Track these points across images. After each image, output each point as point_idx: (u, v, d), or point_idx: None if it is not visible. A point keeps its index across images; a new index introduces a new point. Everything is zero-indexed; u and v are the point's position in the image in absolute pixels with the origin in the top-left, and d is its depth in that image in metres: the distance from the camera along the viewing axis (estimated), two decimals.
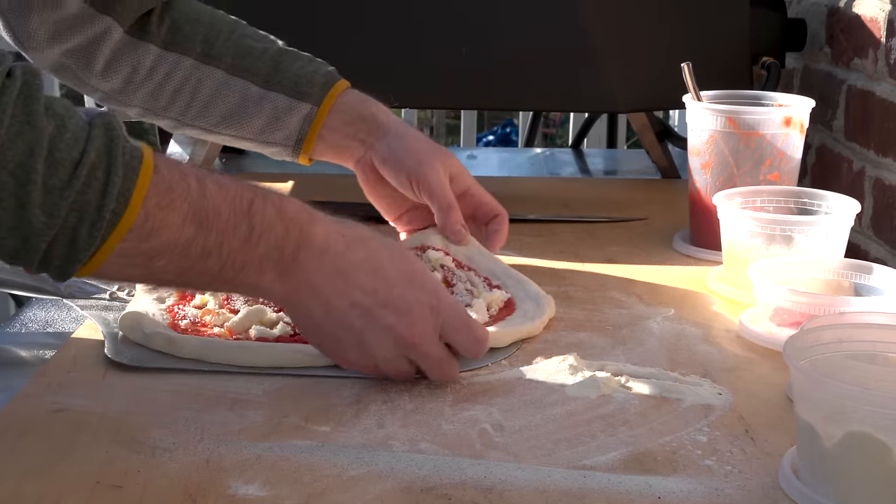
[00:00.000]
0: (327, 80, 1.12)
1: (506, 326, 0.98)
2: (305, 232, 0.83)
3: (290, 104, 1.10)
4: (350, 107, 1.11)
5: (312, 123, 1.10)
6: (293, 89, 1.10)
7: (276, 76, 1.11)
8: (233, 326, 0.95)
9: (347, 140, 1.11)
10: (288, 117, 1.10)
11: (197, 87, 1.10)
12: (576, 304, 1.08)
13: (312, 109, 1.10)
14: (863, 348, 0.75)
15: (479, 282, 1.09)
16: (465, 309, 0.93)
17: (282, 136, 1.11)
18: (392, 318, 0.84)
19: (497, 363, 0.93)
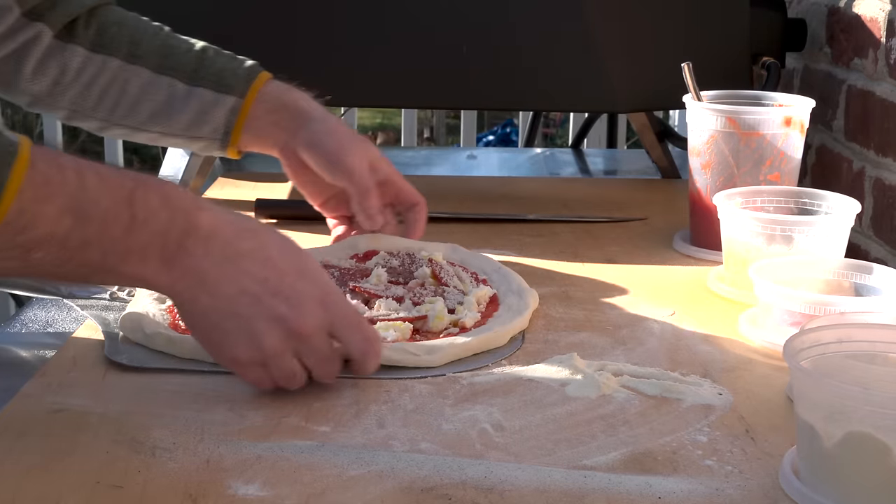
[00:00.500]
0: (250, 73, 1.15)
1: (495, 325, 0.98)
2: (192, 218, 0.81)
3: (216, 98, 1.13)
4: (273, 96, 1.14)
5: (238, 115, 1.13)
6: (218, 83, 1.13)
7: (201, 72, 1.14)
8: None
9: (271, 128, 1.14)
10: (214, 111, 1.13)
11: (124, 86, 1.13)
12: (576, 304, 1.08)
13: (237, 101, 1.13)
14: (863, 348, 0.75)
15: (467, 277, 1.09)
16: (356, 308, 0.94)
17: (209, 129, 1.14)
18: (283, 307, 0.82)
19: (497, 363, 0.93)
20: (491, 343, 0.96)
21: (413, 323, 0.97)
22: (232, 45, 1.43)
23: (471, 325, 0.98)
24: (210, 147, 1.16)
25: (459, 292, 1.05)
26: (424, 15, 1.44)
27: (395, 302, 1.01)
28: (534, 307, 1.04)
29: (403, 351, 0.92)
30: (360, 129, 4.57)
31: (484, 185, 1.64)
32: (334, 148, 1.12)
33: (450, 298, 1.03)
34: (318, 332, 0.83)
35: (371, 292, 1.03)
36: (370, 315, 0.98)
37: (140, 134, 1.16)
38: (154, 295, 1.01)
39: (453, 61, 1.43)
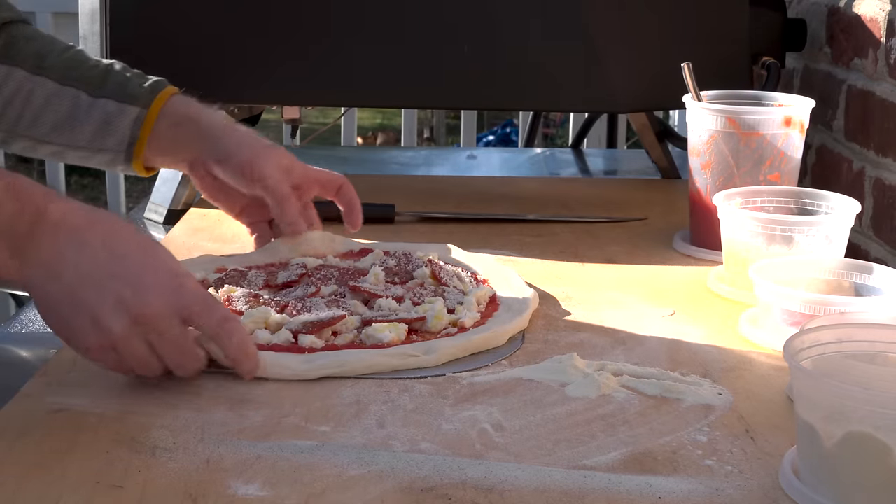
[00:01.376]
0: (155, 86, 1.14)
1: (495, 325, 0.98)
2: (41, 208, 0.82)
3: (120, 108, 1.12)
4: (178, 110, 1.13)
5: (143, 126, 1.12)
6: (122, 94, 1.12)
7: (106, 85, 1.13)
8: None
9: (176, 141, 1.13)
10: (118, 121, 1.12)
11: (28, 97, 1.12)
12: (576, 304, 1.08)
13: (142, 112, 1.12)
14: (863, 348, 0.75)
15: (467, 277, 1.10)
16: (210, 294, 0.92)
17: (114, 141, 1.12)
18: (126, 291, 0.81)
19: (497, 363, 0.93)
20: (490, 343, 0.96)
21: (412, 324, 0.97)
22: (232, 44, 1.43)
23: (470, 325, 0.98)
24: (115, 161, 1.14)
25: (459, 292, 1.05)
26: (424, 15, 1.44)
27: (395, 302, 1.01)
28: (533, 307, 1.04)
29: (403, 355, 0.92)
30: (360, 129, 4.57)
31: (484, 185, 1.64)
32: (246, 159, 1.10)
33: (449, 298, 1.03)
34: (164, 316, 0.82)
35: (371, 292, 1.03)
36: (369, 316, 0.98)
37: (43, 147, 1.14)
38: None
39: (453, 61, 1.43)
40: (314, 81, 1.45)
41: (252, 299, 1.02)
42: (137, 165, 1.14)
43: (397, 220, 1.37)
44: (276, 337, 0.94)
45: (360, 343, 0.95)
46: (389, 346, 0.93)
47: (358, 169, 1.93)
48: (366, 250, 1.15)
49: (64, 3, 2.83)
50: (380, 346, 0.93)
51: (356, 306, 1.01)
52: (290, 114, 1.64)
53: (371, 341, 0.94)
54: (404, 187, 1.59)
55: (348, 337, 0.95)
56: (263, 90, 1.46)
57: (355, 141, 3.26)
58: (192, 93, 1.15)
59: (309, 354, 0.91)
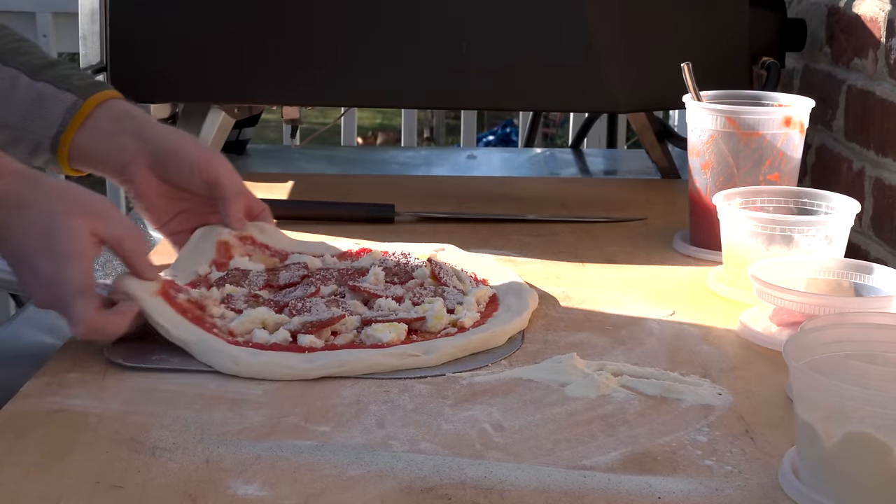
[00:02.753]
0: (98, 83, 1.10)
1: (494, 325, 0.98)
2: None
3: (56, 93, 1.08)
4: (119, 107, 1.09)
5: (76, 115, 1.07)
6: (62, 82, 1.08)
7: (48, 71, 1.09)
8: (236, 328, 0.95)
9: (117, 138, 1.08)
10: (51, 105, 1.07)
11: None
12: (576, 304, 1.08)
13: (77, 101, 1.08)
14: (863, 348, 0.75)
15: (467, 277, 1.10)
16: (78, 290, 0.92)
17: (43, 124, 1.08)
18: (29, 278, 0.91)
19: (497, 363, 0.93)
20: (489, 343, 0.96)
21: (411, 324, 0.97)
22: (232, 45, 1.43)
23: (470, 325, 0.98)
24: (40, 148, 1.09)
25: (459, 292, 1.05)
26: (424, 15, 1.44)
27: (395, 302, 1.02)
28: (533, 307, 1.04)
29: (403, 355, 0.92)
30: (360, 129, 4.57)
31: (484, 185, 1.64)
32: (199, 156, 1.08)
33: (449, 298, 1.03)
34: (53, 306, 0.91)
35: (370, 292, 1.03)
36: (369, 316, 0.99)
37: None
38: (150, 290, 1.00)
39: (453, 61, 1.43)
40: (314, 81, 1.45)
41: (252, 299, 1.02)
42: (62, 158, 1.09)
43: (397, 220, 1.37)
44: (274, 336, 0.94)
45: (360, 343, 0.95)
46: (389, 346, 0.93)
47: (358, 169, 1.93)
48: (364, 250, 1.15)
49: (64, 3, 2.83)
50: (380, 346, 0.93)
51: (356, 306, 1.01)
52: (290, 114, 1.64)
53: (371, 341, 0.94)
54: (404, 187, 1.59)
55: (348, 337, 0.95)
56: (263, 90, 1.46)
57: (355, 141, 3.26)
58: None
59: (309, 354, 0.91)
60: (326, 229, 1.29)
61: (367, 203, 1.39)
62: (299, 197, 1.50)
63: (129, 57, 1.41)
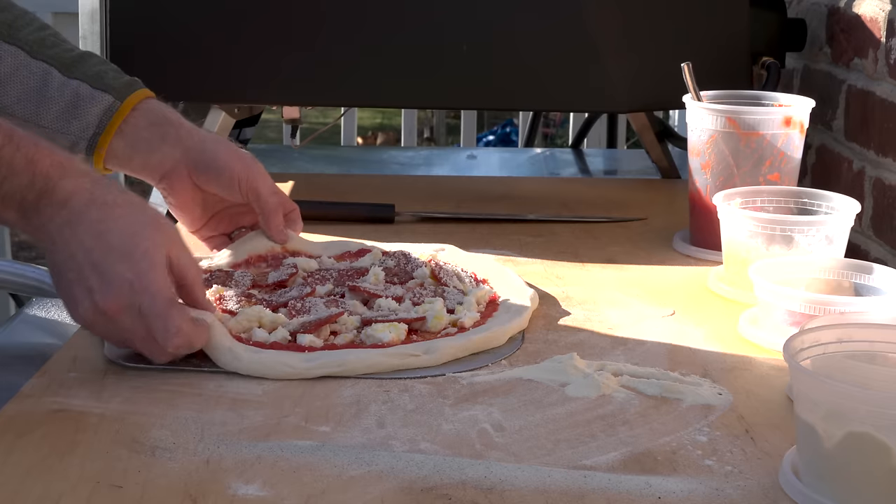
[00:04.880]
0: (133, 82, 1.10)
1: (494, 325, 0.98)
2: (51, 184, 0.87)
3: (92, 93, 1.07)
4: (157, 111, 1.09)
5: (113, 116, 1.07)
6: (97, 81, 1.07)
7: (80, 67, 1.08)
8: (233, 327, 0.95)
9: (155, 143, 1.08)
10: (88, 106, 1.07)
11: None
12: (576, 304, 1.08)
13: (115, 103, 1.07)
14: (863, 348, 0.75)
15: (467, 277, 1.10)
16: (170, 300, 0.89)
17: (79, 126, 1.07)
18: (95, 281, 0.86)
19: (497, 363, 0.93)
20: (489, 343, 0.96)
21: (412, 324, 0.97)
22: (232, 45, 1.43)
23: (470, 325, 0.98)
24: (75, 150, 1.07)
25: (459, 292, 1.05)
26: (424, 15, 1.44)
27: (395, 302, 1.02)
28: (533, 307, 1.04)
29: (403, 355, 0.92)
30: (360, 129, 4.57)
31: (484, 185, 1.64)
32: (240, 171, 1.08)
33: (449, 298, 1.03)
34: (121, 312, 0.86)
35: (370, 292, 1.03)
36: (369, 316, 0.98)
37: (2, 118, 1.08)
38: None
39: (453, 61, 1.43)
40: (314, 81, 1.45)
41: (244, 299, 1.02)
42: (97, 159, 1.08)
43: (397, 220, 1.37)
44: (274, 336, 0.94)
45: (360, 343, 0.95)
46: (389, 346, 0.93)
47: (358, 169, 1.93)
48: (364, 250, 1.16)
49: (64, 3, 2.83)
50: (380, 346, 0.93)
51: (356, 306, 1.01)
52: (290, 114, 1.64)
53: (371, 341, 0.94)
54: (404, 187, 1.59)
55: (348, 337, 0.95)
56: (263, 90, 1.46)
57: (355, 141, 3.26)
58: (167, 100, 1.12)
59: (309, 353, 0.91)
60: (326, 229, 1.29)
61: (367, 203, 1.39)
62: (299, 197, 1.49)
63: (129, 57, 1.40)
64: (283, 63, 1.44)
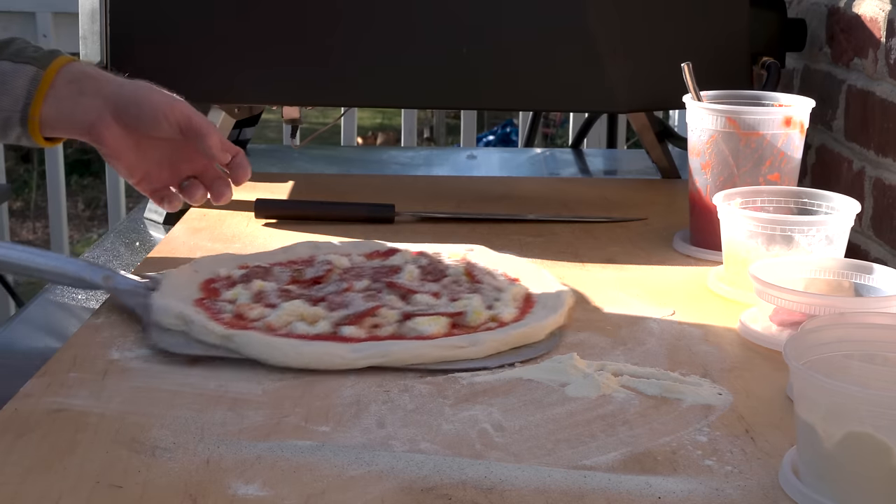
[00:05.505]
0: (53, 52, 1.11)
1: (534, 320, 0.99)
2: None
3: (15, 68, 1.08)
4: (75, 70, 1.09)
5: (39, 85, 1.07)
6: (19, 56, 1.09)
7: (3, 51, 1.09)
8: (274, 322, 0.97)
9: (77, 98, 1.09)
10: (13, 80, 1.08)
11: None
12: (576, 304, 1.08)
13: (38, 72, 1.08)
14: (863, 348, 0.75)
15: (499, 275, 1.11)
16: None
17: (8, 101, 1.08)
18: None
19: (507, 365, 0.93)
20: (530, 337, 0.97)
21: (451, 318, 0.98)
22: (232, 45, 1.43)
23: (509, 320, 0.99)
24: (10, 123, 1.09)
25: (495, 289, 1.06)
26: (424, 15, 1.44)
27: (433, 297, 1.02)
28: (569, 304, 1.04)
29: (448, 346, 0.93)
30: (360, 129, 4.57)
31: (484, 185, 1.64)
32: (162, 101, 1.08)
33: (486, 295, 1.04)
34: None
35: (408, 288, 1.05)
36: (409, 310, 1.00)
37: None
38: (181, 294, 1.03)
39: (453, 61, 1.43)
40: (314, 81, 1.45)
41: (284, 294, 1.03)
42: (33, 130, 1.09)
43: (397, 220, 1.37)
44: (316, 328, 0.95)
45: (403, 335, 0.96)
46: (432, 338, 0.94)
47: (358, 169, 1.93)
48: (393, 250, 1.17)
49: (64, 3, 2.83)
50: (423, 338, 0.94)
51: (393, 301, 1.02)
52: (290, 114, 1.64)
53: (413, 334, 0.95)
54: (404, 187, 1.59)
55: (389, 330, 0.97)
56: (263, 90, 1.46)
57: (355, 141, 3.26)
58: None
59: (355, 344, 0.92)
60: (326, 229, 1.29)
61: (367, 203, 1.39)
62: (299, 197, 1.50)
63: (129, 57, 1.40)
64: (283, 63, 1.44)
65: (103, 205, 3.22)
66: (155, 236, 1.39)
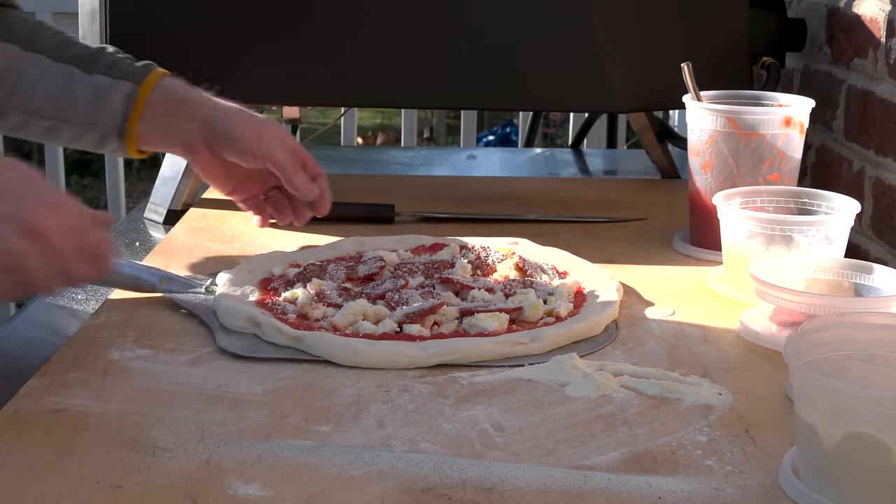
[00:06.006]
0: (147, 66, 1.14)
1: (591, 314, 1.00)
2: None
3: (112, 83, 1.12)
4: (171, 89, 1.13)
5: (136, 101, 1.12)
6: (114, 71, 1.12)
7: (97, 63, 1.13)
8: (339, 322, 0.97)
9: (172, 122, 1.13)
10: (111, 95, 1.12)
11: (21, 72, 1.12)
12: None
13: (133, 88, 1.12)
14: (863, 348, 0.75)
15: (549, 269, 1.12)
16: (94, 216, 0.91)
17: (106, 115, 1.12)
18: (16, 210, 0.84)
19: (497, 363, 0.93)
20: (590, 331, 0.98)
21: (510, 314, 0.99)
22: (232, 45, 1.43)
23: (565, 314, 1.00)
24: (107, 137, 1.13)
25: (547, 283, 1.07)
26: (425, 15, 1.44)
27: (487, 293, 1.04)
28: (620, 297, 1.06)
29: (512, 343, 0.94)
30: (360, 129, 4.57)
31: (484, 185, 1.64)
32: (250, 137, 1.12)
33: (539, 290, 1.04)
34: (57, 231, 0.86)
35: (463, 283, 1.05)
36: (467, 306, 1.00)
37: (36, 122, 1.13)
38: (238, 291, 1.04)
39: (453, 61, 1.43)
40: (314, 81, 1.45)
41: (343, 292, 1.04)
42: (130, 144, 1.14)
43: (397, 220, 1.37)
44: (381, 327, 0.96)
45: (464, 332, 0.97)
46: (494, 335, 0.95)
47: (358, 169, 1.93)
48: (437, 244, 1.18)
49: (64, 3, 2.83)
50: (485, 335, 0.95)
51: (449, 297, 1.03)
52: (290, 114, 1.64)
53: (475, 330, 0.96)
54: (404, 187, 1.59)
55: (451, 327, 0.98)
56: (263, 90, 1.46)
57: (355, 141, 3.26)
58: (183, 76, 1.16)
59: (421, 342, 0.93)
60: (327, 229, 1.29)
61: (367, 203, 1.39)
62: None
63: None
64: (283, 63, 1.44)
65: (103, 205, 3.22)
66: (155, 236, 1.39)
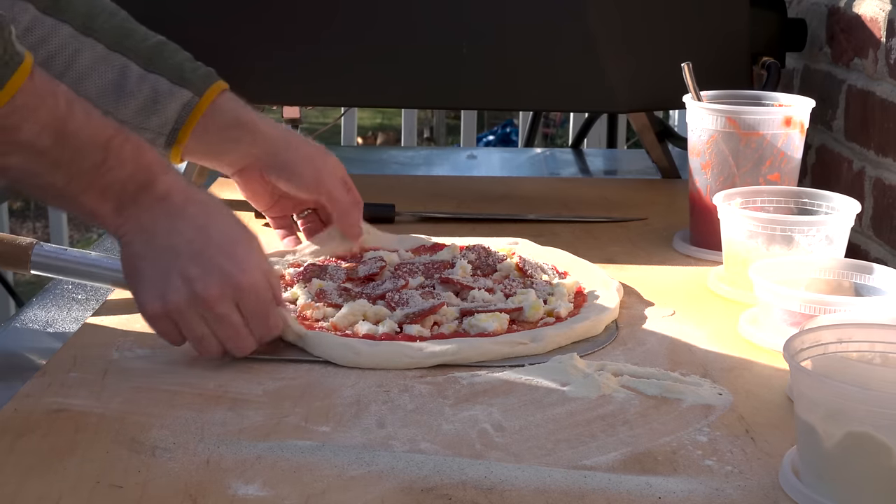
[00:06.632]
0: (209, 75, 1.11)
1: (591, 314, 1.00)
2: (153, 178, 0.89)
3: (171, 89, 1.08)
4: (229, 108, 1.11)
5: (192, 112, 1.09)
6: (175, 75, 1.09)
7: (159, 60, 1.09)
8: (339, 322, 0.97)
9: (229, 143, 1.11)
10: (167, 101, 1.08)
11: (74, 56, 1.06)
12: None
13: (193, 98, 1.09)
14: (863, 348, 0.75)
15: (549, 269, 1.12)
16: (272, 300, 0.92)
17: (158, 121, 1.08)
18: (196, 271, 0.87)
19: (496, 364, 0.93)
20: (590, 331, 0.98)
21: (510, 314, 0.99)
22: (232, 45, 1.43)
23: (566, 314, 1.00)
24: (155, 144, 1.09)
25: (547, 283, 1.07)
26: (424, 15, 1.44)
27: (487, 293, 1.04)
28: (620, 297, 1.06)
29: (512, 343, 0.94)
30: (360, 129, 4.57)
31: (484, 185, 1.64)
32: (312, 175, 1.12)
33: (539, 290, 1.04)
34: (222, 302, 0.88)
35: (463, 283, 1.05)
36: (467, 307, 1.00)
37: None
38: None
39: (453, 61, 1.43)
40: (314, 81, 1.45)
41: (344, 292, 1.04)
42: (175, 153, 1.11)
43: (397, 220, 1.37)
44: (381, 327, 0.96)
45: (464, 332, 0.97)
46: (494, 335, 0.95)
47: (358, 169, 1.93)
48: (438, 245, 1.18)
49: None
50: (485, 335, 0.95)
51: (449, 297, 1.03)
52: (290, 114, 1.64)
53: (475, 331, 0.96)
54: (404, 187, 1.59)
55: (451, 327, 0.98)
56: (263, 90, 1.46)
57: (355, 141, 3.26)
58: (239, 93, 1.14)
59: (421, 343, 0.93)
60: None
61: (367, 203, 1.39)
62: None
63: None
64: (283, 63, 1.44)
65: None
66: None
